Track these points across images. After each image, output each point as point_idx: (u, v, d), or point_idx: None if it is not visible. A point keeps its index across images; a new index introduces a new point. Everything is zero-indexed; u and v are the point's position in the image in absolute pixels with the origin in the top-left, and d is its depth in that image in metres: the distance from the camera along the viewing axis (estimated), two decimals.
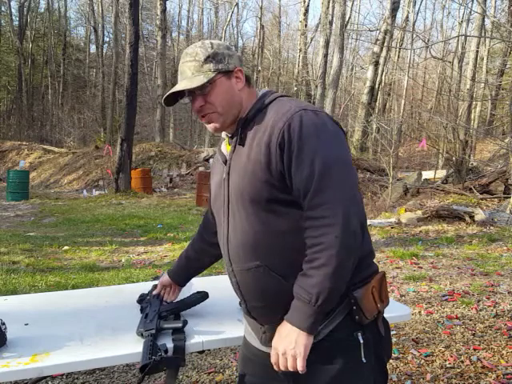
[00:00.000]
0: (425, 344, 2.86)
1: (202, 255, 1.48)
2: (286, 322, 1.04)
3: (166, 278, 1.53)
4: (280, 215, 1.06)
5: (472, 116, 15.82)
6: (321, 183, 1.00)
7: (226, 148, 1.22)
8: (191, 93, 1.14)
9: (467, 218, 7.05)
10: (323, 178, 1.01)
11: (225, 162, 1.19)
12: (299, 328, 1.00)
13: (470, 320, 3.26)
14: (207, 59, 1.13)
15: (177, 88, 1.14)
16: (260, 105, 1.14)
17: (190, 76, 1.13)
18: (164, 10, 18.47)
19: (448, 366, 2.57)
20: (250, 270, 1.10)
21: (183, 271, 1.52)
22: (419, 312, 3.41)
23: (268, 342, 1.15)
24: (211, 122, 1.15)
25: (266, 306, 1.12)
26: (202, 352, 1.35)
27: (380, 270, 1.15)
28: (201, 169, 14.24)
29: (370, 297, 1.07)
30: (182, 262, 1.52)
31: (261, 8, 25.68)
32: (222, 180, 1.17)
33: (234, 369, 2.54)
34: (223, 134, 1.23)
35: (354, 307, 1.05)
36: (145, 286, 1.69)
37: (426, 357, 2.67)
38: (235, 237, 1.12)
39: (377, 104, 18.83)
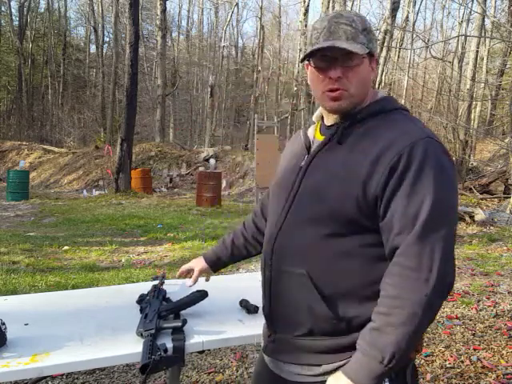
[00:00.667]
0: (425, 344, 2.85)
1: (250, 244, 1.39)
2: (342, 375, 0.92)
3: (200, 262, 1.46)
4: (348, 236, 0.96)
5: (472, 116, 15.81)
6: (426, 231, 0.88)
7: (313, 133, 1.10)
8: (331, 58, 0.97)
9: (467, 218, 7.05)
10: (431, 228, 0.89)
11: (307, 149, 1.07)
12: None
13: (470, 320, 3.26)
14: (363, 31, 0.98)
15: (339, 45, 0.95)
16: (378, 108, 1.01)
17: (344, 39, 0.96)
18: (164, 10, 18.48)
19: (448, 365, 2.57)
20: (291, 273, 1.01)
21: (225, 257, 1.43)
22: None
23: (272, 352, 1.09)
24: (339, 100, 0.99)
25: (290, 316, 1.03)
26: (202, 352, 1.35)
27: None
28: (201, 169, 14.24)
29: None
30: (224, 248, 1.43)
31: (261, 8, 25.66)
32: (298, 167, 1.05)
33: (234, 369, 2.55)
34: (314, 118, 1.12)
35: None
36: (145, 286, 1.69)
37: (425, 357, 2.67)
38: (290, 235, 1.02)
39: None
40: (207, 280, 1.57)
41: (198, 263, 1.49)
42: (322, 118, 1.11)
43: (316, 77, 1.01)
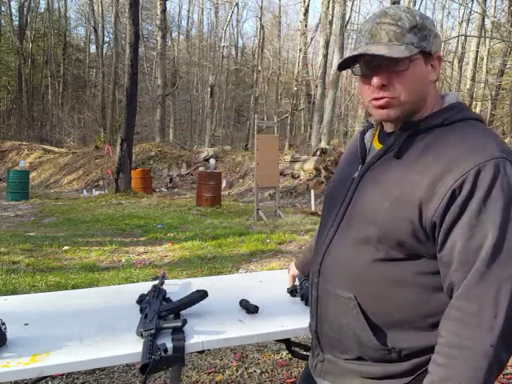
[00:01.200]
0: None
1: None
2: None
3: (294, 269, 1.56)
4: (402, 262, 0.87)
5: None
6: (489, 269, 0.77)
7: (371, 139, 1.01)
8: (373, 64, 0.89)
9: None
10: (496, 265, 0.77)
11: (362, 158, 0.98)
12: None
13: None
14: (412, 29, 0.87)
15: (373, 51, 0.85)
16: (444, 118, 0.88)
17: (385, 42, 0.86)
18: (164, 10, 18.48)
19: None
20: (338, 297, 0.94)
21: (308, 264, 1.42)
22: None
23: (321, 373, 1.03)
24: (386, 108, 0.90)
25: (338, 339, 0.97)
26: (201, 352, 1.35)
27: None
28: (201, 169, 14.24)
29: None
30: (307, 255, 1.46)
31: (261, 8, 25.67)
32: (351, 178, 0.97)
33: (234, 369, 2.55)
34: (373, 120, 1.01)
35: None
36: (145, 286, 1.69)
37: None
38: (338, 255, 0.95)
39: None
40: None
41: (292, 271, 1.59)
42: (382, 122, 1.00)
43: (361, 85, 0.93)
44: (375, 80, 0.88)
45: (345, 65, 0.94)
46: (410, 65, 0.87)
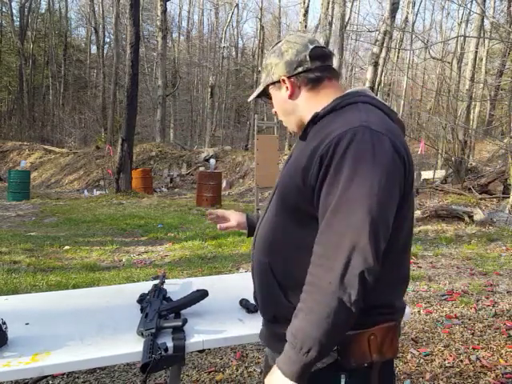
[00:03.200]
0: (424, 343, 2.86)
1: None
2: (275, 367, 0.93)
3: (241, 216, 1.49)
4: (302, 226, 0.99)
5: (471, 116, 15.81)
6: (334, 218, 0.88)
7: None
8: None
9: (466, 218, 7.05)
10: (339, 215, 0.88)
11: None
12: (283, 373, 0.90)
13: (469, 319, 3.27)
14: (262, 70, 1.16)
15: (253, 95, 1.21)
16: (334, 105, 1.02)
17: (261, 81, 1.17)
18: (164, 11, 18.49)
19: (447, 365, 2.58)
20: (260, 262, 1.09)
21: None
22: (418, 311, 3.42)
23: (260, 335, 1.16)
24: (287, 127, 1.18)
25: (262, 301, 1.12)
26: (202, 351, 1.36)
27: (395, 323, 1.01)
28: (201, 169, 14.25)
29: (365, 344, 0.95)
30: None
31: (261, 9, 25.69)
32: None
33: (234, 368, 2.56)
34: None
35: (338, 346, 0.94)
36: (145, 286, 1.70)
37: (425, 356, 2.68)
38: (263, 227, 1.11)
39: None
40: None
41: (238, 216, 1.51)
42: None
43: None
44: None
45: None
46: (269, 96, 1.15)
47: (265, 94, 1.17)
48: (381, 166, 0.88)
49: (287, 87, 1.09)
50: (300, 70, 1.07)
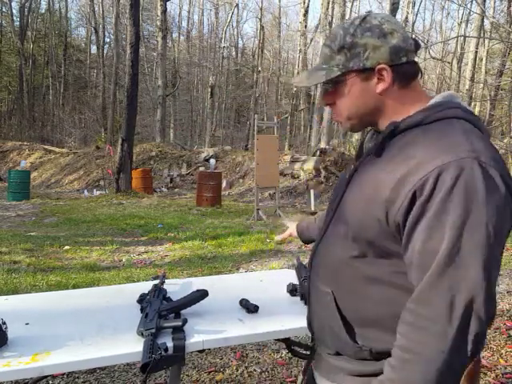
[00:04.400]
0: None
1: None
2: None
3: (293, 228, 1.60)
4: (376, 260, 0.87)
5: None
6: (444, 273, 0.74)
7: (370, 139, 1.01)
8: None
9: None
10: (450, 270, 0.74)
11: (357, 159, 0.98)
12: None
13: None
14: (341, 50, 0.89)
15: (291, 81, 0.97)
16: (422, 118, 0.85)
17: (315, 66, 0.92)
18: (164, 11, 18.48)
19: None
20: (320, 291, 0.97)
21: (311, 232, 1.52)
22: None
23: (315, 367, 1.05)
24: (340, 123, 0.97)
25: (321, 333, 1.00)
26: (202, 351, 1.36)
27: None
28: (201, 169, 14.25)
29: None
30: (311, 224, 1.52)
31: (261, 9, 25.69)
32: (345, 179, 0.96)
33: (234, 368, 2.55)
34: None
35: None
36: (145, 286, 1.70)
37: None
38: (323, 251, 0.98)
39: None
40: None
41: (292, 226, 1.62)
42: None
43: None
44: (324, 100, 0.95)
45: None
46: (339, 86, 0.91)
47: (330, 81, 0.92)
48: (494, 208, 0.74)
49: (382, 78, 0.88)
50: (404, 60, 0.88)
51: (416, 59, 0.92)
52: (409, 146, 0.83)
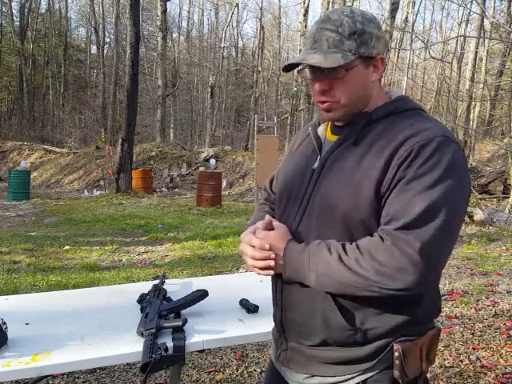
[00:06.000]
0: None
1: None
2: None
3: None
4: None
5: (471, 116, 15.82)
6: (424, 225, 0.83)
7: (325, 133, 1.04)
8: (315, 69, 0.92)
9: (466, 218, 7.05)
10: (427, 221, 0.82)
11: (319, 149, 1.01)
12: (285, 249, 0.93)
13: (469, 319, 3.27)
14: (352, 35, 0.90)
15: (308, 60, 0.91)
16: (393, 108, 0.95)
17: (325, 49, 0.91)
18: (164, 11, 18.48)
19: (447, 365, 2.58)
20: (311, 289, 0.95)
21: None
22: None
23: (284, 362, 1.04)
24: (329, 112, 0.96)
25: (304, 325, 0.98)
26: (202, 351, 1.36)
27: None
28: (201, 169, 14.25)
29: (417, 353, 0.92)
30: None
31: (261, 9, 25.68)
32: (310, 169, 0.99)
33: (235, 368, 2.56)
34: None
35: (397, 361, 0.90)
36: (145, 286, 1.70)
37: None
38: (304, 238, 0.96)
39: None
40: None
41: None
42: None
43: (311, 86, 0.98)
44: (316, 86, 0.94)
45: (290, 68, 0.98)
46: (347, 71, 0.92)
47: (340, 66, 0.91)
48: (465, 182, 0.88)
49: (377, 68, 0.94)
50: (385, 54, 0.96)
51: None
52: (388, 131, 0.91)
